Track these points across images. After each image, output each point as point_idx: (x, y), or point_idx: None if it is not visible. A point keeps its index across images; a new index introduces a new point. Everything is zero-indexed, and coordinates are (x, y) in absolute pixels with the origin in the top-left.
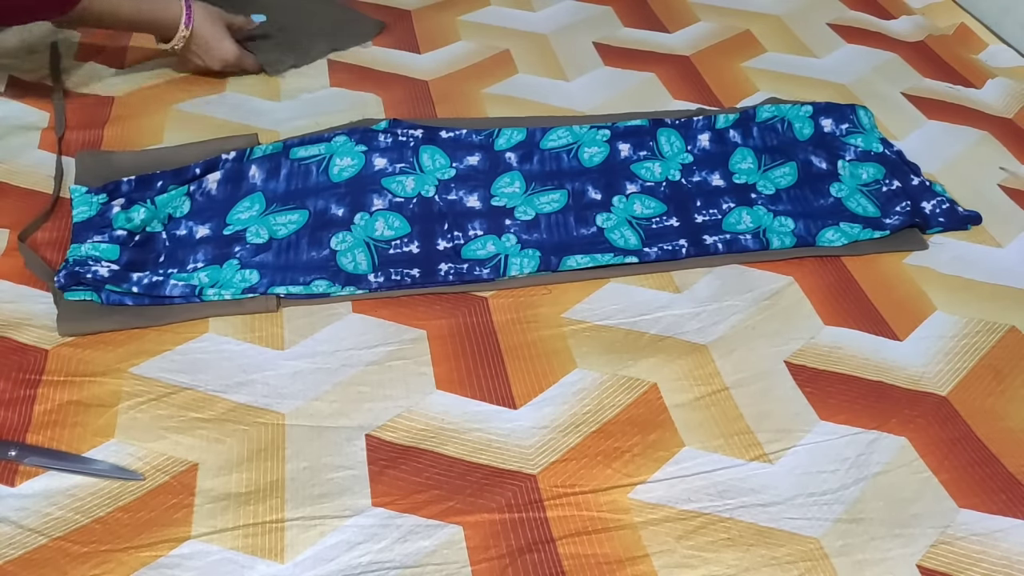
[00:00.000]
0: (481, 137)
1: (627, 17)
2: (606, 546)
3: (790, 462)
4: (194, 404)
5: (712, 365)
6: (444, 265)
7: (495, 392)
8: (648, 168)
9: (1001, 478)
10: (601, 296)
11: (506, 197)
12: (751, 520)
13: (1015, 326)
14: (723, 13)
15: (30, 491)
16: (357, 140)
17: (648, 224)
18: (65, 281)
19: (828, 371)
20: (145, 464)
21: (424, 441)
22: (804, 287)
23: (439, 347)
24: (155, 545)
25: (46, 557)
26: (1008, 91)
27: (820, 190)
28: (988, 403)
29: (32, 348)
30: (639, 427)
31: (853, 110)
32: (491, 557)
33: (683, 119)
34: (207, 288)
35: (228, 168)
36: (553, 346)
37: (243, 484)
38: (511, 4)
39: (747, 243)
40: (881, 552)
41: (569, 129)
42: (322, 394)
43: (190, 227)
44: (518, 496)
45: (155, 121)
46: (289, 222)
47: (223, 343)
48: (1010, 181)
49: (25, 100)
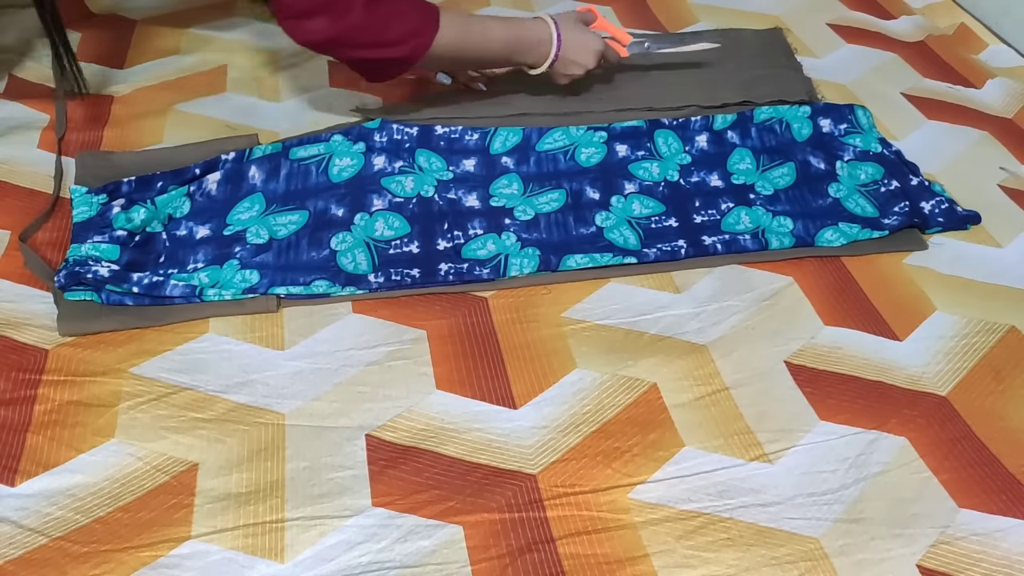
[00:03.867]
0: (476, 138)
1: (627, 17)
2: (606, 546)
3: (790, 462)
4: (194, 404)
5: (712, 365)
6: (444, 265)
7: (495, 392)
8: (646, 168)
9: (1001, 478)
10: (601, 296)
11: (505, 198)
12: (751, 520)
13: (1015, 326)
14: (723, 13)
15: (30, 491)
16: (354, 139)
17: (647, 224)
18: (65, 281)
19: (828, 371)
20: (145, 464)
21: (424, 441)
22: (804, 287)
23: (439, 347)
24: (155, 545)
25: (46, 557)
26: (1008, 91)
27: (818, 190)
28: (988, 403)
29: (32, 348)
30: (639, 427)
31: (851, 110)
32: (491, 557)
33: (680, 119)
34: (207, 288)
35: (228, 168)
36: (553, 346)
37: (243, 484)
38: (511, 5)
39: (746, 243)
40: (881, 552)
41: (565, 131)
42: (322, 394)
43: (190, 227)
44: (518, 496)
45: (155, 121)
46: (289, 222)
47: (223, 343)
48: (1010, 181)
49: (25, 100)
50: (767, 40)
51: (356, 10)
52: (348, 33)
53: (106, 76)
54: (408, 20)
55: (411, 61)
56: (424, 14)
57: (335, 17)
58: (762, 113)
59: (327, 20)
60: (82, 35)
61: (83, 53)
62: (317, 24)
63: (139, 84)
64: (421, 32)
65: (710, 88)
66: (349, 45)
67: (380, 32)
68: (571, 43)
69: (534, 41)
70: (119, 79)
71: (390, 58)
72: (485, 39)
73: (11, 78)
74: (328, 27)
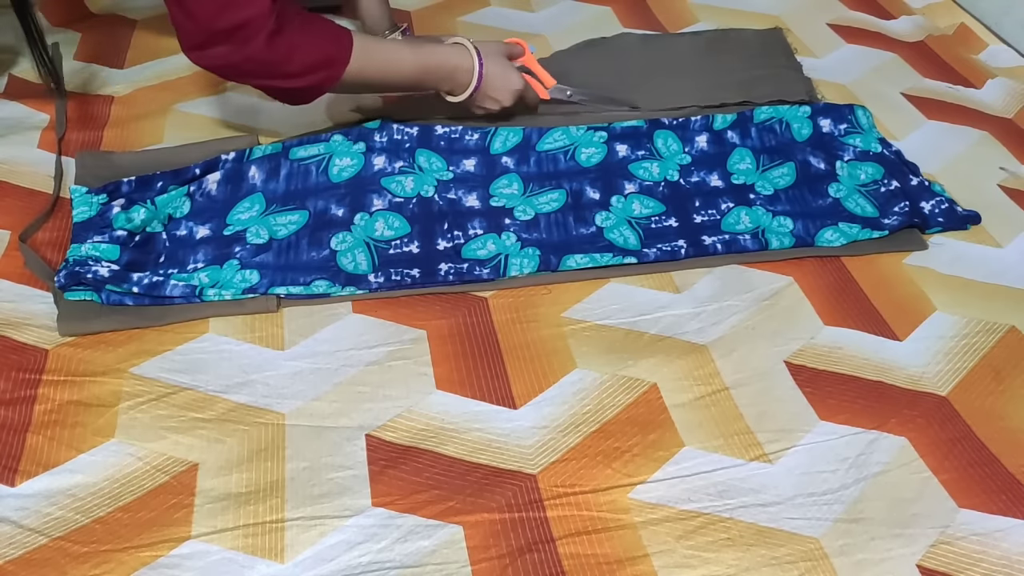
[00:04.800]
0: (476, 137)
1: (627, 18)
2: (606, 546)
3: (790, 462)
4: (194, 404)
5: (712, 365)
6: (444, 265)
7: (495, 392)
8: (646, 168)
9: (1001, 478)
10: (601, 296)
11: (505, 198)
12: (751, 520)
13: (1015, 326)
14: (723, 13)
15: (30, 491)
16: (355, 139)
17: (647, 224)
18: (65, 281)
19: (828, 371)
20: (145, 464)
21: (424, 441)
22: (804, 287)
23: (439, 347)
24: (155, 545)
25: (46, 557)
26: (1008, 91)
27: (818, 190)
28: (988, 403)
29: (32, 348)
30: (639, 427)
31: (851, 110)
32: (491, 557)
33: (680, 119)
34: (207, 288)
35: (228, 168)
36: (553, 346)
37: (243, 484)
38: (511, 5)
39: (746, 243)
40: (881, 552)
41: (565, 131)
42: (322, 394)
43: (190, 227)
44: (518, 496)
45: (155, 121)
46: (289, 222)
47: (223, 343)
48: (1010, 181)
49: (25, 100)
50: (767, 40)
51: (257, 41)
52: (248, 64)
53: (106, 76)
54: (315, 51)
55: (320, 90)
56: (333, 44)
57: (235, 46)
58: (762, 113)
59: (227, 48)
60: (82, 35)
61: (83, 53)
62: (218, 51)
63: (139, 84)
64: (329, 64)
65: (710, 88)
66: (251, 74)
67: (282, 64)
68: (493, 78)
69: (449, 68)
70: (119, 79)
71: (296, 88)
72: (396, 65)
73: (11, 78)
74: (229, 54)
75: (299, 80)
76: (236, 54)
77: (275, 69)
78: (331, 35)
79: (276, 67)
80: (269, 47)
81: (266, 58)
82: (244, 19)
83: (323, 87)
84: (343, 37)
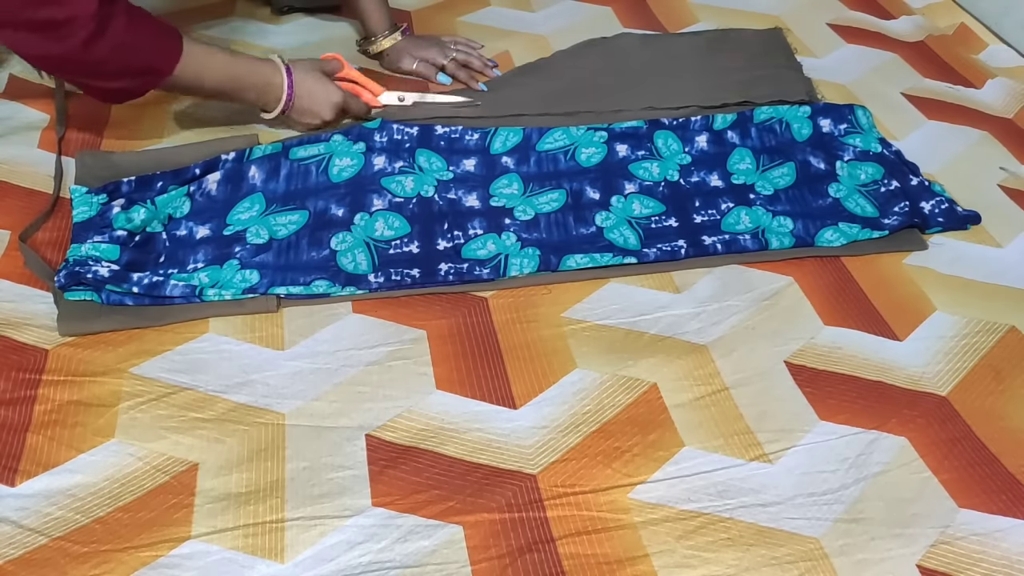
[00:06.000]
0: (476, 138)
1: (627, 18)
2: (606, 546)
3: (790, 462)
4: (194, 404)
5: (712, 365)
6: (444, 265)
7: (495, 392)
8: (646, 168)
9: (1001, 478)
10: (601, 296)
11: (505, 198)
12: (751, 520)
13: (1015, 326)
14: (723, 13)
15: (30, 491)
16: (355, 139)
17: (647, 224)
18: (65, 281)
19: (828, 371)
20: (145, 464)
21: (424, 441)
22: (804, 287)
23: (439, 347)
24: (155, 545)
25: (46, 557)
26: (1008, 91)
27: (818, 190)
28: (988, 403)
29: (32, 348)
30: (639, 427)
31: (851, 110)
32: (491, 557)
33: (680, 120)
34: (207, 288)
35: (228, 168)
36: (553, 346)
37: (243, 484)
38: (511, 5)
39: (746, 243)
40: (881, 552)
41: (566, 131)
42: (322, 394)
43: (190, 227)
44: (518, 496)
45: (155, 121)
46: (289, 222)
47: (223, 343)
48: (1010, 181)
49: (25, 100)
50: (767, 40)
51: (73, 41)
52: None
53: None
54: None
55: (137, 95)
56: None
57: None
58: (762, 113)
59: (39, 39)
60: None
61: None
62: (30, 38)
63: None
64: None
65: (710, 88)
66: (62, 71)
67: (98, 66)
68: (306, 93)
69: (260, 83)
70: None
71: (110, 89)
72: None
73: (11, 78)
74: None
75: (114, 82)
76: (49, 48)
77: (89, 69)
78: (157, 42)
79: (91, 67)
80: (86, 49)
81: (82, 59)
82: (65, 17)
83: (141, 92)
84: (171, 45)
